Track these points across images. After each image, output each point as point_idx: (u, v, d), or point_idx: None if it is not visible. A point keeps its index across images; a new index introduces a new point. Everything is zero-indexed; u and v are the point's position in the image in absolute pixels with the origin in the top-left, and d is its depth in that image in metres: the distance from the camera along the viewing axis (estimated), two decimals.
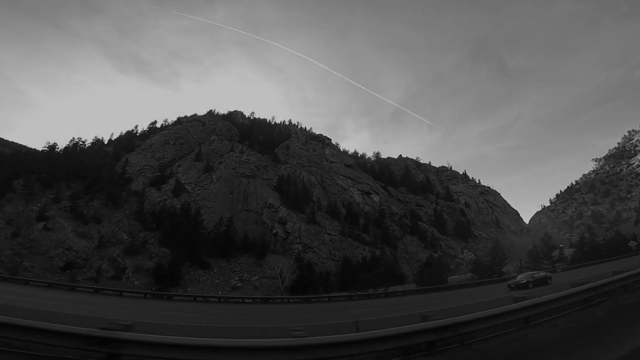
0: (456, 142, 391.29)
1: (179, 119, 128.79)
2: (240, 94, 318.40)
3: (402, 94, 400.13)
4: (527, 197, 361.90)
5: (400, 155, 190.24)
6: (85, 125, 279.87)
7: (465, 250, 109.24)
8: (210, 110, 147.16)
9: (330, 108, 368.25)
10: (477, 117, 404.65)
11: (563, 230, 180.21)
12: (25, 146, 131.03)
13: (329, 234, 79.05)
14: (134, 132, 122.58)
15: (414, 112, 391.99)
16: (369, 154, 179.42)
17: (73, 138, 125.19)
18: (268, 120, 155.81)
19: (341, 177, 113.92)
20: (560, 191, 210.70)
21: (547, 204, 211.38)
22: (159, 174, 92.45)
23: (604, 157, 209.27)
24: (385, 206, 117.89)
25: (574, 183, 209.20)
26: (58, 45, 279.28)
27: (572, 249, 76.90)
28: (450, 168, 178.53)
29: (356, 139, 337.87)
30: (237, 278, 67.41)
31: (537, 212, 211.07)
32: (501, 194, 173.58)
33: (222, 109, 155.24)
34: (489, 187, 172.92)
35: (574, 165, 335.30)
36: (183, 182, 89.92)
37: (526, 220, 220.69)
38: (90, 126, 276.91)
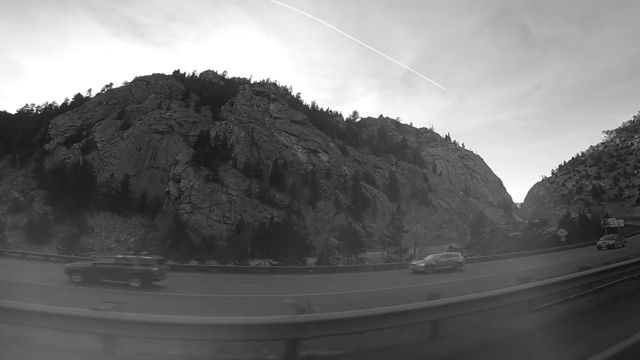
0: (469, 108, 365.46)
1: (135, 78, 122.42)
2: (241, 55, 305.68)
3: (415, 57, 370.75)
4: (538, 168, 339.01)
5: (385, 116, 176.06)
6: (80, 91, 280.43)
7: (413, 222, 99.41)
8: (177, 71, 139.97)
9: (337, 69, 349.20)
10: (493, 84, 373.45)
11: (560, 204, 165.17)
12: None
13: (230, 194, 72.42)
14: (88, 96, 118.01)
15: (427, 76, 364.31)
16: (363, 114, 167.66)
17: (26, 104, 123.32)
18: (242, 78, 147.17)
19: (284, 133, 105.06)
20: (565, 162, 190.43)
21: (549, 174, 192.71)
22: (74, 133, 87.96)
23: (615, 130, 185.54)
24: (334, 167, 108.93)
25: (580, 154, 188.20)
26: (46, 11, 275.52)
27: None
28: (431, 130, 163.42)
29: (364, 101, 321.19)
30: (114, 239, 63.43)
31: (536, 184, 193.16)
32: (484, 160, 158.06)
33: (216, 69, 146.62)
34: (471, 152, 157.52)
35: (591, 139, 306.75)
36: (96, 140, 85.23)
37: (525, 192, 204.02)
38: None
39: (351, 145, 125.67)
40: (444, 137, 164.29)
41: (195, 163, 78.00)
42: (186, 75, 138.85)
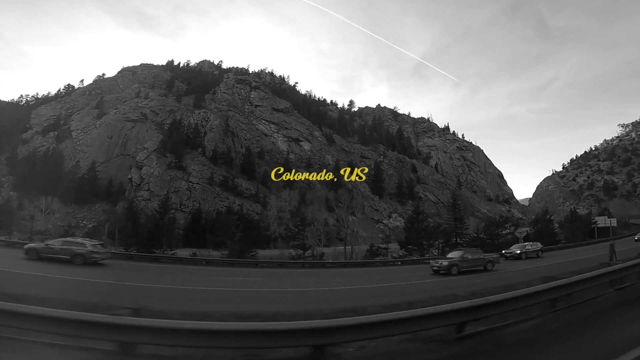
0: (482, 100, 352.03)
1: (122, 69, 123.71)
2: (249, 46, 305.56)
3: (426, 48, 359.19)
4: (552, 163, 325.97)
5: (382, 105, 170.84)
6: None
7: (395, 215, 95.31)
8: (172, 61, 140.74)
9: (346, 60, 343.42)
10: (508, 76, 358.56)
11: (569, 200, 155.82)
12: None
13: (190, 182, 71.29)
14: (80, 86, 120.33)
15: (439, 67, 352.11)
16: (373, 106, 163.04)
17: (21, 95, 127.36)
18: (240, 68, 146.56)
19: (263, 122, 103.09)
20: (576, 156, 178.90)
21: (560, 169, 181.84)
22: (52, 122, 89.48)
23: (631, 123, 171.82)
24: (317, 156, 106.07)
25: (593, 148, 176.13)
26: (56, 4, 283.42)
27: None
28: (429, 120, 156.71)
29: (374, 92, 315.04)
30: (72, 225, 63.83)
31: (546, 178, 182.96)
32: (484, 151, 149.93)
33: (213, 59, 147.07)
34: (470, 143, 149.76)
35: (608, 134, 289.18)
36: (72, 129, 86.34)
37: (534, 186, 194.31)
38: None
39: (340, 134, 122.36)
40: (443, 127, 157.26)
41: (162, 150, 77.38)
42: (180, 65, 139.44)
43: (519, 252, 27.61)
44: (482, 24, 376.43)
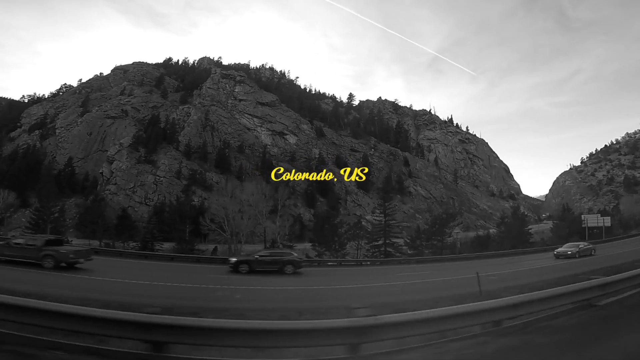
0: (501, 94, 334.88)
1: (115, 67, 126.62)
2: (259, 42, 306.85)
3: (441, 41, 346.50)
4: (571, 157, 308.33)
5: (382, 98, 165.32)
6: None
7: (378, 212, 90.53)
8: (169, 58, 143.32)
9: (358, 55, 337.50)
10: (527, 70, 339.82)
11: (587, 196, 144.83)
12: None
13: (157, 176, 70.68)
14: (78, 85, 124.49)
15: (455, 61, 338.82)
16: (363, 97, 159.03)
17: (23, 95, 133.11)
18: (242, 64, 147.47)
19: (246, 116, 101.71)
20: (596, 150, 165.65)
21: (578, 163, 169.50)
22: (39, 121, 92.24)
23: None
24: (303, 149, 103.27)
25: (614, 142, 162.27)
26: (69, 5, 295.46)
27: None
28: (429, 112, 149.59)
29: (388, 87, 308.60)
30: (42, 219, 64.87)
31: (563, 173, 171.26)
32: (489, 144, 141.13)
33: (213, 56, 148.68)
34: (474, 136, 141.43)
35: (631, 128, 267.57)
36: (57, 127, 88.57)
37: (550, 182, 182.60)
38: None
39: (332, 128, 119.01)
40: (446, 119, 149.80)
41: (135, 145, 77.54)
42: (179, 62, 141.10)
43: (570, 251, 27.16)
44: (499, 16, 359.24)
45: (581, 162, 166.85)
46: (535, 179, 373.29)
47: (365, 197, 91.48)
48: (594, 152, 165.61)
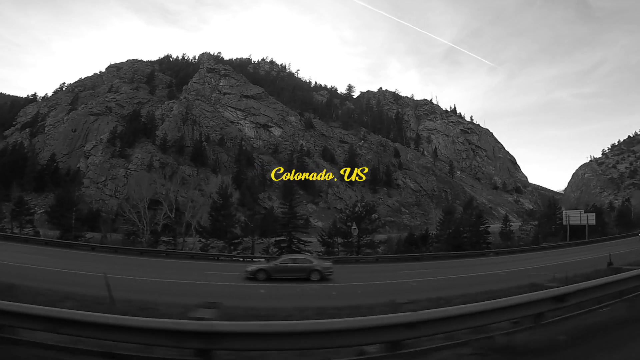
0: (521, 85, 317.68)
1: (109, 66, 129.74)
2: (268, 37, 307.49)
3: (457, 32, 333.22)
4: (595, 149, 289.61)
5: (383, 89, 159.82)
6: None
7: (361, 204, 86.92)
8: (169, 55, 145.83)
9: (370, 47, 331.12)
10: (548, 61, 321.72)
11: (607, 190, 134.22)
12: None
13: (128, 169, 71.24)
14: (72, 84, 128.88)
15: (471, 52, 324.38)
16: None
17: (27, 95, 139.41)
18: (244, 58, 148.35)
19: (230, 109, 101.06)
20: (618, 141, 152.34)
21: (599, 155, 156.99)
22: (30, 119, 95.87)
23: None
24: (288, 141, 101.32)
25: (638, 132, 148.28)
26: (82, 4, 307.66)
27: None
28: (431, 101, 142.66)
29: (402, 80, 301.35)
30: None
31: (582, 165, 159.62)
32: (494, 134, 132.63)
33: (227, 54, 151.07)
34: (478, 125, 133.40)
35: None
36: (46, 124, 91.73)
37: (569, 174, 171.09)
38: None
39: (324, 119, 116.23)
40: (449, 109, 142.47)
41: (112, 140, 78.74)
42: (178, 58, 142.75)
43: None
44: (516, 5, 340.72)
45: (602, 154, 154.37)
46: (556, 172, 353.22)
47: (347, 190, 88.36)
48: (615, 144, 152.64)
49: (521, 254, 31.26)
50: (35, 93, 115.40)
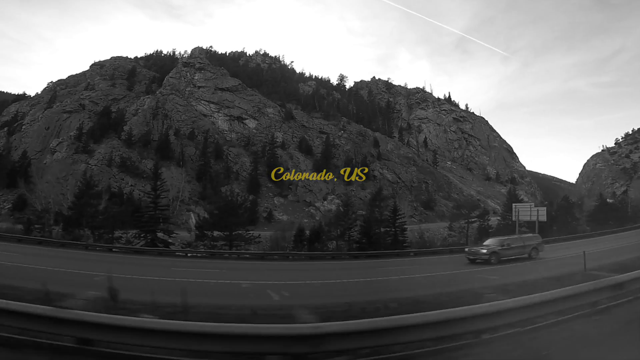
0: (536, 74, 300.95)
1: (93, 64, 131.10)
2: (274, 30, 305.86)
3: (468, 20, 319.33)
4: (610, 139, 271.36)
5: (376, 78, 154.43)
6: None
7: (332, 197, 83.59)
8: (160, 51, 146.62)
9: (379, 38, 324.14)
10: (564, 49, 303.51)
11: (619, 180, 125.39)
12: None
13: (89, 164, 71.07)
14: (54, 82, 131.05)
15: (484, 41, 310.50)
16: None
17: (24, 92, 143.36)
18: (239, 52, 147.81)
19: (203, 102, 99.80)
20: (633, 130, 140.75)
21: (612, 144, 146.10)
22: (11, 118, 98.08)
23: None
24: (263, 133, 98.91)
25: None
26: (86, 1, 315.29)
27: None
28: (423, 89, 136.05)
29: (412, 70, 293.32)
30: None
31: (594, 155, 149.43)
32: (489, 122, 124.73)
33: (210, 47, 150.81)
34: (471, 113, 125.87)
35: None
36: (24, 123, 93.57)
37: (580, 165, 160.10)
38: None
39: (306, 110, 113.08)
40: (443, 97, 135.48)
41: (79, 137, 79.08)
42: (169, 54, 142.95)
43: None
44: None
45: (615, 143, 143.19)
46: (571, 162, 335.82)
47: (318, 183, 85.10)
48: (629, 133, 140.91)
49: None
50: (24, 92, 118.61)
